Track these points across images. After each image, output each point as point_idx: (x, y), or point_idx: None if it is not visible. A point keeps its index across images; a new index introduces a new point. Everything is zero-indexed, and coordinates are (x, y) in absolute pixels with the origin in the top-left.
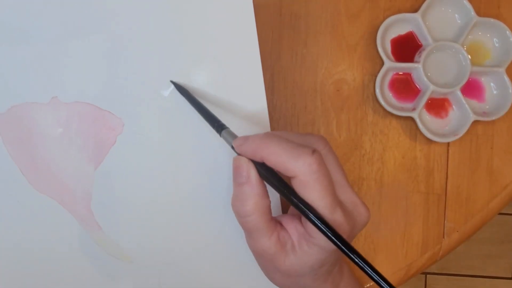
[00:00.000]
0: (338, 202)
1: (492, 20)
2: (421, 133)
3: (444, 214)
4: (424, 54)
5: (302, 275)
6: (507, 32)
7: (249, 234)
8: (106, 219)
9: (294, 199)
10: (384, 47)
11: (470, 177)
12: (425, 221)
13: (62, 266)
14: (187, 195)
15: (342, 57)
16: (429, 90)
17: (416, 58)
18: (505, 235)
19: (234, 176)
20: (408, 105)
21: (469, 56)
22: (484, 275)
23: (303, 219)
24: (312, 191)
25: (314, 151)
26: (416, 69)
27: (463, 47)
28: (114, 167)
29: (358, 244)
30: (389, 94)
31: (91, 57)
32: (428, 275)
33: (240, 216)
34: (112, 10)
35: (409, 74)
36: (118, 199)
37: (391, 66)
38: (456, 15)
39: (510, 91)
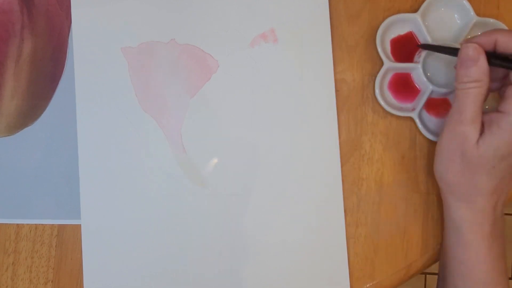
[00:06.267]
0: None
1: (491, 20)
2: (420, 133)
3: None
4: (423, 54)
5: (482, 163)
6: None
7: (462, 107)
8: (191, 144)
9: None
10: (383, 47)
11: None
12: (425, 221)
13: (145, 176)
14: (265, 132)
15: (342, 57)
16: (429, 90)
17: (415, 58)
18: (504, 235)
19: (463, 59)
20: (408, 105)
21: None
22: None
23: (509, 90)
24: None
25: None
26: (416, 69)
27: None
28: (205, 99)
29: (358, 244)
30: (389, 94)
31: (203, 12)
32: (428, 275)
33: (464, 89)
34: None
35: (409, 74)
36: (204, 127)
37: (390, 66)
38: (455, 15)
39: None
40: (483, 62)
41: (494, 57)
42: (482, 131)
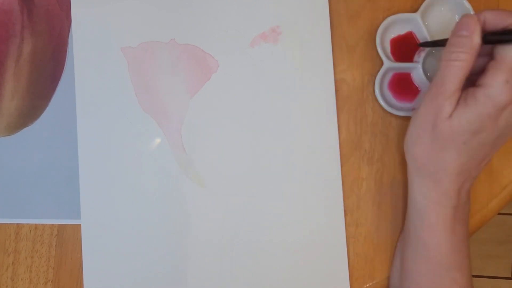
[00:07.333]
0: None
1: None
2: None
3: None
4: (423, 54)
5: (453, 137)
6: None
7: (444, 78)
8: (191, 144)
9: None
10: (383, 47)
11: None
12: None
13: (145, 176)
14: (265, 132)
15: (342, 57)
16: None
17: (415, 58)
18: (504, 235)
19: (458, 29)
20: (408, 105)
21: None
22: (484, 275)
23: (491, 64)
24: None
25: None
26: (416, 69)
27: None
28: (205, 99)
29: (358, 245)
30: (389, 94)
31: (203, 12)
32: None
33: (450, 60)
34: None
35: (409, 74)
36: (204, 127)
37: (390, 66)
38: (455, 15)
39: None
40: (477, 35)
41: (490, 34)
42: (457, 105)
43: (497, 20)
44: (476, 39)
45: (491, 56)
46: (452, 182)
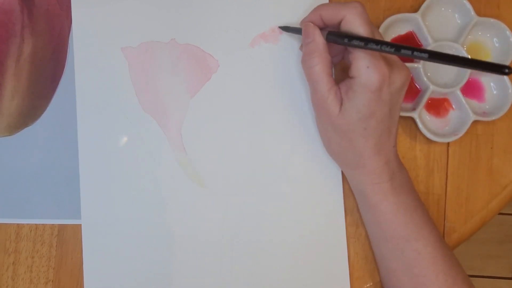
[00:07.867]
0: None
1: (492, 20)
2: (421, 133)
3: (444, 214)
4: None
5: (353, 128)
6: (507, 32)
7: (314, 84)
8: (191, 144)
9: (343, 35)
10: None
11: (470, 177)
12: None
13: (145, 176)
14: (265, 132)
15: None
16: (429, 90)
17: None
18: (505, 235)
19: (303, 38)
20: (408, 105)
21: (469, 56)
22: (484, 275)
23: (351, 56)
24: (358, 25)
25: (358, 2)
26: (416, 69)
27: (463, 47)
28: (206, 99)
29: (358, 244)
30: None
31: (203, 12)
32: None
33: (308, 67)
34: None
35: None
36: (204, 127)
37: None
38: (456, 15)
39: (510, 91)
40: (318, 37)
41: (330, 34)
42: (342, 101)
43: (333, 15)
44: (319, 39)
45: (347, 49)
46: (375, 161)
